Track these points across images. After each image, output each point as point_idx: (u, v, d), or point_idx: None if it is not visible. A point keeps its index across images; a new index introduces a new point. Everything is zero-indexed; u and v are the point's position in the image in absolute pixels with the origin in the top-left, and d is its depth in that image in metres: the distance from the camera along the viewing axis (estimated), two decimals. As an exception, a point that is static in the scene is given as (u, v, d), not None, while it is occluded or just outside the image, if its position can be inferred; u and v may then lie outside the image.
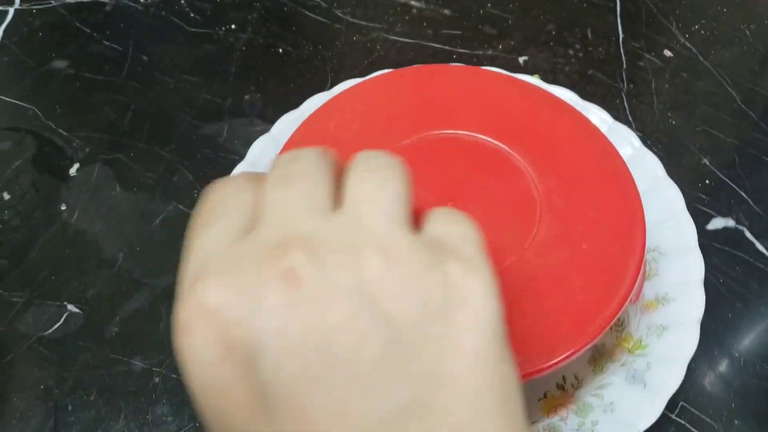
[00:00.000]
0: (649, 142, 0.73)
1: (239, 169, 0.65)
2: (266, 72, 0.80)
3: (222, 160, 0.72)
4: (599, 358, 0.57)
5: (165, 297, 0.64)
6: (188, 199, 0.70)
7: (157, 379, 0.60)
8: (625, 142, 0.65)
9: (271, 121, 0.68)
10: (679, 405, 0.57)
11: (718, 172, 0.71)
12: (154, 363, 0.60)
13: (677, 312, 0.56)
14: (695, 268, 0.58)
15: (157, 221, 0.69)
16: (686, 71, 0.81)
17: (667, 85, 0.80)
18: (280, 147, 0.63)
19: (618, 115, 0.76)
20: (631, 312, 0.59)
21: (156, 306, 0.64)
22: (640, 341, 0.57)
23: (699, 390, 0.58)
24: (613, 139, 0.66)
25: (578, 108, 0.68)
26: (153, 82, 0.80)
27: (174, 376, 0.60)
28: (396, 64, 0.74)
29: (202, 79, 0.80)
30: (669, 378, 0.53)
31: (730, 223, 0.67)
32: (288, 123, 0.67)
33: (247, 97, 0.78)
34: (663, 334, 0.57)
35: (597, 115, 0.67)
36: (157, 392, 0.59)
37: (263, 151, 0.65)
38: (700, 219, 0.65)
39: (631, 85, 0.80)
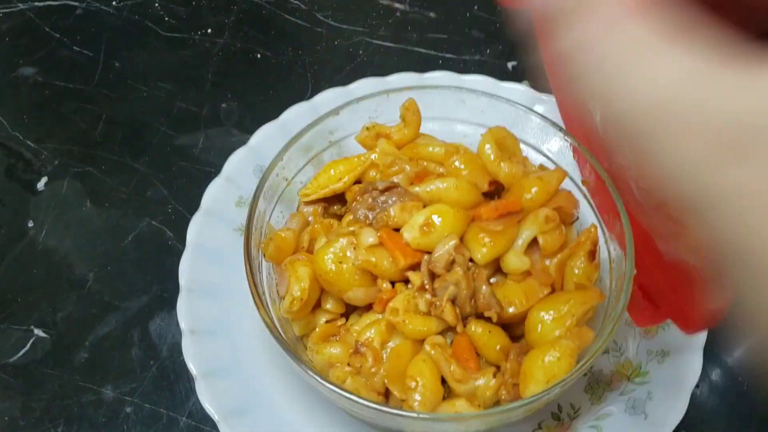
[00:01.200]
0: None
1: (215, 184, 0.61)
2: (244, 79, 0.77)
3: (197, 173, 0.69)
4: (596, 386, 0.54)
5: (137, 320, 0.61)
6: (162, 214, 0.66)
7: (128, 409, 0.56)
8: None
9: (249, 131, 0.65)
10: (681, 434, 0.54)
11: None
12: (126, 391, 0.57)
13: (679, 336, 0.54)
14: (697, 288, 0.55)
15: (130, 239, 0.65)
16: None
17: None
18: (258, 159, 0.60)
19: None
20: (629, 336, 0.56)
21: (127, 330, 0.60)
22: (640, 368, 0.54)
23: (701, 417, 0.55)
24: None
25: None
26: (125, 89, 0.76)
27: (147, 405, 0.56)
28: (380, 70, 0.70)
29: (177, 87, 0.76)
30: (672, 408, 0.51)
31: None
32: (266, 134, 0.63)
33: (224, 105, 0.75)
34: (664, 360, 0.54)
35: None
36: (129, 423, 0.56)
37: (240, 164, 0.62)
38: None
39: (626, 92, 0.77)
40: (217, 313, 0.55)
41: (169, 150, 0.71)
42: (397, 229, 0.51)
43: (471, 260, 0.51)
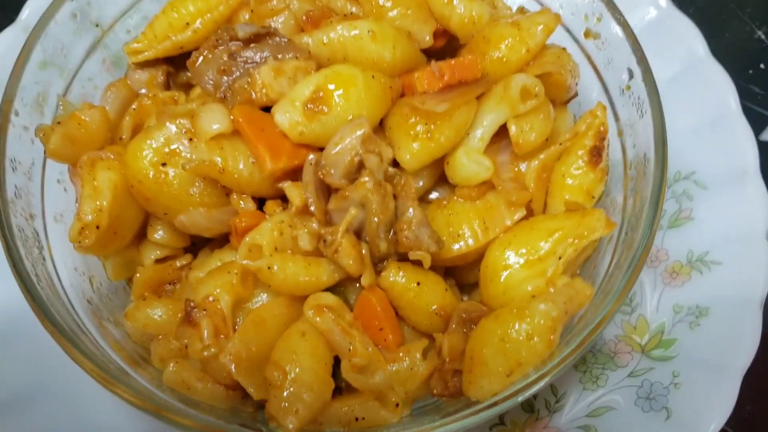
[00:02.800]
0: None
1: (7, 36, 0.39)
2: None
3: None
4: (592, 358, 0.35)
5: None
6: None
7: None
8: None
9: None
10: None
11: (779, 51, 0.48)
12: None
13: (725, 284, 0.35)
14: (756, 209, 0.35)
15: None
16: None
17: None
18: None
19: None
20: (645, 279, 0.36)
21: None
22: (662, 334, 0.35)
23: (750, 410, 0.36)
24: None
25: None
26: None
27: None
28: None
29: None
30: (710, 401, 0.32)
31: (798, 130, 0.44)
32: (42, 5, 0.41)
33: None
34: (701, 322, 0.34)
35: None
36: None
37: (12, 47, 0.40)
38: (750, 125, 0.42)
39: None
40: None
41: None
42: (268, 108, 0.30)
43: (394, 164, 0.31)
